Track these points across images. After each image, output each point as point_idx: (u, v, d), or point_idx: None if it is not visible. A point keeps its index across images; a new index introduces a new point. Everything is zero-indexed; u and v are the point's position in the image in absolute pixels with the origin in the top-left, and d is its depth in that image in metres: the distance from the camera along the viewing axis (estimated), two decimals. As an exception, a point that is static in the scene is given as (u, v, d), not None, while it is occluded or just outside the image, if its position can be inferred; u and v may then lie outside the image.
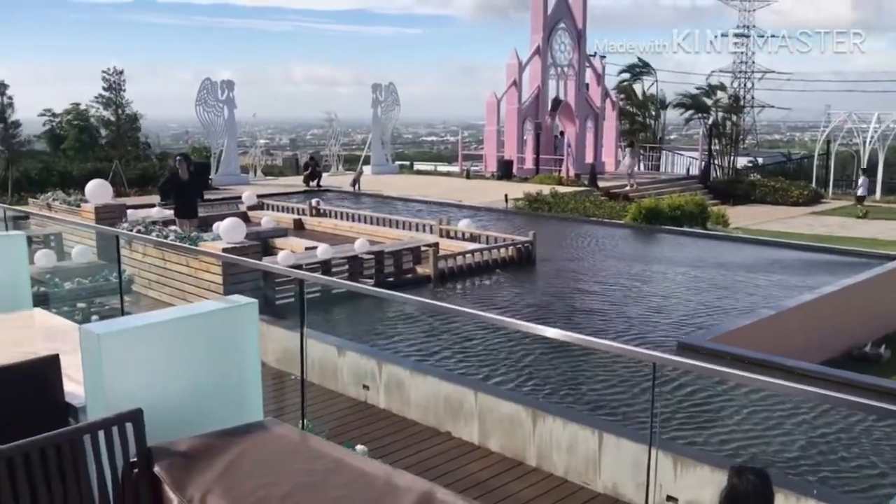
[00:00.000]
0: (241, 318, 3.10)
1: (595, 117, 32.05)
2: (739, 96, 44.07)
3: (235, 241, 10.20)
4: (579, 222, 18.88)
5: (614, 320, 10.02)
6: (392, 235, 14.68)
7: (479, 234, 14.12)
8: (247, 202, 18.25)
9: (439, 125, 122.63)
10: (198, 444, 2.53)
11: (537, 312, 10.38)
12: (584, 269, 13.54)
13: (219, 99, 25.36)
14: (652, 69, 37.81)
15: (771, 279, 12.50)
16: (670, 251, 15.44)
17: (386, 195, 22.60)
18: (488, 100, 31.18)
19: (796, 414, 6.90)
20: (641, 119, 38.05)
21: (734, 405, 7.16)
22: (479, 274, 12.48)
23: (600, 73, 32.71)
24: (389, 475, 2.35)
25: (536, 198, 21.10)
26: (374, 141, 30.02)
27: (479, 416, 6.56)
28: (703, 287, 11.95)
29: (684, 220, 17.99)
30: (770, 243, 16.46)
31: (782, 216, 26.71)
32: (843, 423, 6.79)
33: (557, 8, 30.33)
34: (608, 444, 5.78)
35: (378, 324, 9.83)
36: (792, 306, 10.40)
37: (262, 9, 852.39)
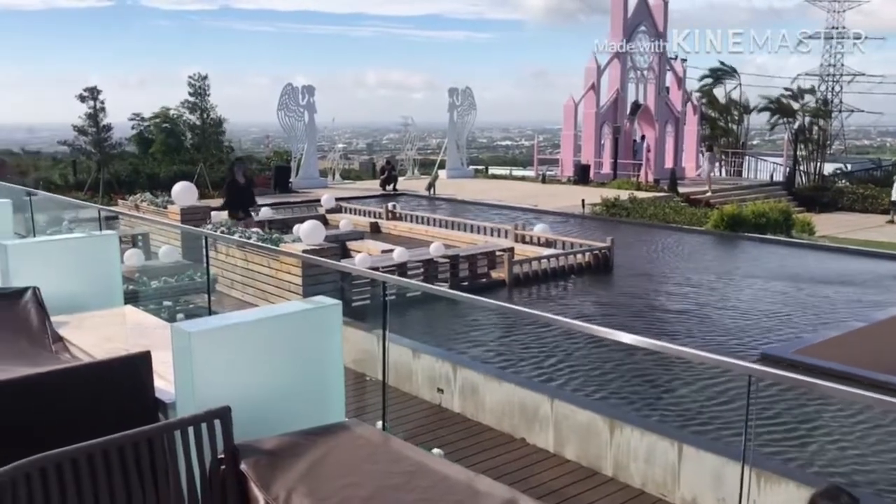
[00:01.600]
0: (325, 319, 3.15)
1: (675, 121, 31.45)
2: (828, 100, 42.57)
3: (315, 244, 10.39)
4: (659, 228, 18.53)
5: (696, 330, 9.79)
6: (467, 239, 14.70)
7: (555, 239, 14.00)
8: (325, 205, 18.57)
9: (514, 130, 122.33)
10: (283, 442, 2.57)
11: (617, 319, 10.23)
12: (664, 276, 13.28)
13: (300, 104, 25.88)
14: (735, 72, 36.90)
15: (860, 290, 12.01)
16: (754, 259, 15.00)
17: (461, 199, 22.65)
18: (566, 104, 30.94)
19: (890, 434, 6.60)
20: (723, 123, 37.14)
21: (819, 422, 6.90)
22: (555, 279, 12.38)
23: (681, 76, 32.08)
24: (470, 480, 2.34)
25: (614, 203, 20.81)
26: (450, 145, 30.15)
27: (554, 423, 6.49)
28: (790, 297, 11.56)
29: (768, 228, 17.47)
30: (860, 252, 15.81)
31: (871, 225, 25.65)
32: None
33: (638, 11, 29.91)
34: (688, 456, 5.64)
35: (453, 328, 9.84)
36: (883, 319, 9.97)
37: (343, 15, 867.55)
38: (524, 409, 6.73)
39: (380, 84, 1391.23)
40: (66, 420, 2.78)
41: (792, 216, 19.04)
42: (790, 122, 34.98)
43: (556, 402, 6.54)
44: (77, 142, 26.79)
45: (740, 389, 6.20)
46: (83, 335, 3.99)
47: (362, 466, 2.46)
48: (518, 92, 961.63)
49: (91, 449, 2.35)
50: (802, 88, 37.13)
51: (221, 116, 30.37)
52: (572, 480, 5.95)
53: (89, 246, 4.97)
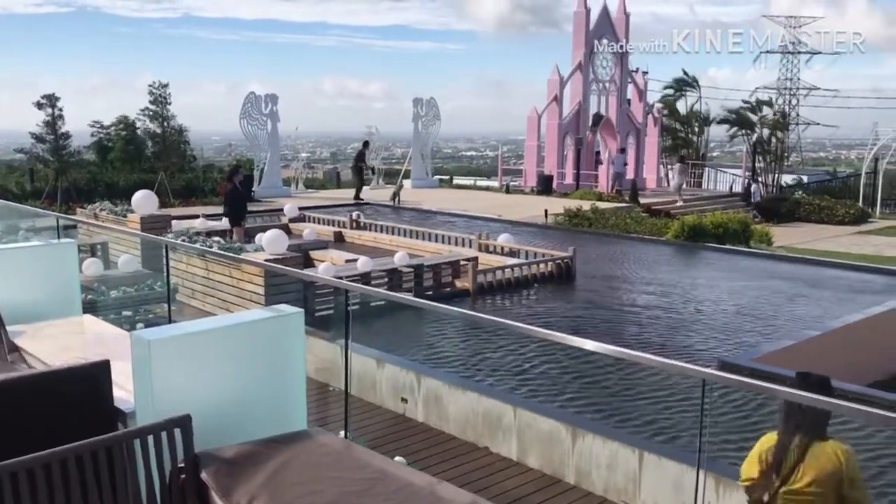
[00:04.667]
0: (287, 327, 3.14)
1: (637, 133, 31.87)
2: (785, 112, 43.47)
3: (278, 253, 10.32)
4: (620, 238, 18.74)
5: (657, 338, 9.91)
6: (431, 249, 14.73)
7: (519, 248, 14.08)
8: (288, 214, 18.46)
9: (478, 140, 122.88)
10: (244, 451, 2.56)
11: (580, 326, 10.32)
12: (625, 285, 13.43)
13: (262, 112, 25.72)
14: (697, 84, 37.52)
15: (816, 299, 12.28)
16: (714, 269, 15.24)
17: (425, 209, 22.68)
18: (529, 115, 31.19)
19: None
20: (684, 135, 37.71)
21: (769, 425, 7.02)
22: (519, 289, 12.45)
23: (642, 88, 32.54)
24: (433, 486, 2.35)
25: (577, 213, 21.00)
26: (415, 155, 30.18)
27: (517, 431, 6.52)
28: (747, 306, 11.76)
29: (727, 238, 17.76)
30: (816, 262, 16.15)
31: (828, 235, 26.21)
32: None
33: (600, 24, 30.30)
34: (649, 463, 5.71)
35: (416, 337, 9.84)
36: (837, 327, 10.18)
37: (307, 24, 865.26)
38: (488, 417, 6.75)
39: (343, 93, 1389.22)
40: (23, 429, 2.74)
41: (750, 227, 19.39)
42: (749, 134, 35.66)
43: (520, 411, 6.58)
44: (34, 149, 26.32)
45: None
46: (40, 344, 3.93)
47: (324, 474, 2.46)
48: (478, 102, 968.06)
49: (48, 458, 2.32)
50: (761, 101, 37.90)
51: (183, 125, 30.07)
52: (535, 488, 5.98)
53: (47, 255, 4.89)
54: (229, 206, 14.59)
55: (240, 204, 14.62)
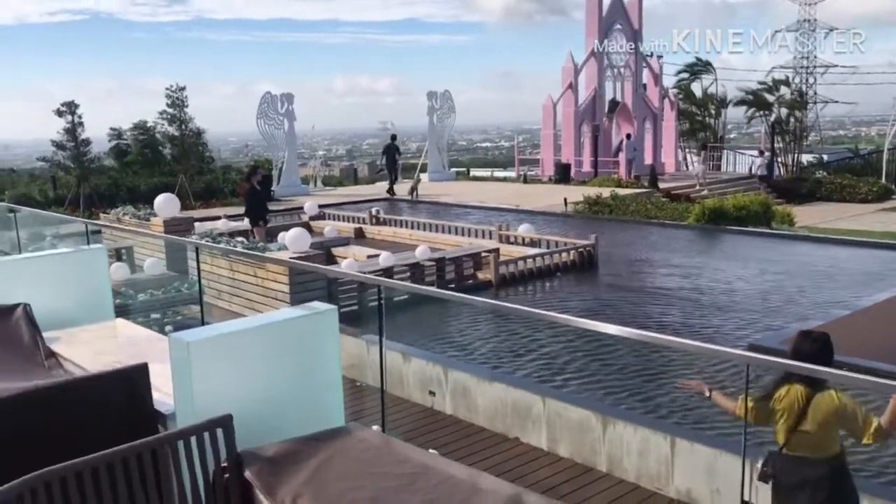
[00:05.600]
0: (321, 324, 3.16)
1: (653, 118, 31.65)
2: (803, 91, 42.97)
3: (302, 251, 10.38)
4: (641, 224, 18.65)
5: (685, 323, 9.87)
6: (452, 242, 14.74)
7: (540, 238, 14.06)
8: (309, 212, 18.54)
9: (493, 131, 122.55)
10: (285, 448, 2.58)
11: (605, 313, 10.29)
12: (649, 271, 13.37)
13: (279, 112, 25.81)
14: (711, 67, 37.22)
15: (842, 279, 12.16)
16: (738, 251, 15.14)
17: (444, 202, 22.69)
18: (544, 103, 31.06)
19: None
20: (701, 118, 37.42)
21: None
22: (542, 278, 12.43)
23: (657, 73, 32.29)
24: (474, 478, 2.36)
25: (596, 201, 20.91)
26: (431, 148, 30.18)
27: (547, 421, 6.53)
28: (777, 287, 11.68)
29: (749, 221, 17.62)
30: (840, 242, 16.00)
31: (851, 214, 25.91)
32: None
33: (612, 9, 30.09)
34: (681, 449, 5.70)
35: (441, 331, 9.86)
36: (867, 306, 10.09)
37: (318, 22, 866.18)
38: (517, 408, 6.76)
39: (355, 90, 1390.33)
40: (66, 435, 2.78)
41: (772, 208, 19.22)
42: (767, 115, 35.30)
43: (549, 401, 6.58)
44: (55, 157, 26.58)
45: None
46: (76, 350, 3.98)
47: (366, 469, 2.48)
48: (490, 93, 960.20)
49: (95, 462, 2.36)
50: (777, 80, 37.50)
51: (200, 127, 30.23)
52: (567, 478, 5.99)
53: (78, 260, 4.95)
54: (249, 207, 14.69)
55: (260, 204, 14.70)
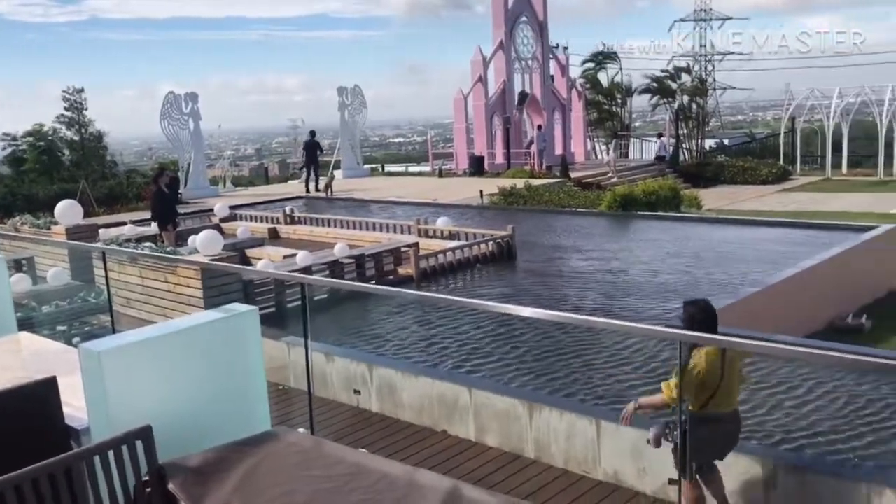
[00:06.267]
0: (242, 326, 3.04)
1: (562, 109, 32.18)
2: (703, 79, 44.43)
3: (214, 253, 10.07)
4: (556, 213, 18.93)
5: (609, 307, 10.05)
6: (370, 238, 14.61)
7: (458, 231, 14.09)
8: (219, 214, 18.07)
9: (405, 126, 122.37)
10: (210, 457, 2.46)
11: (526, 299, 10.38)
12: (566, 258, 13.57)
13: (183, 112, 25.09)
14: (616, 56, 38.05)
15: (749, 257, 12.61)
16: (650, 235, 15.53)
17: (360, 199, 22.50)
18: (455, 97, 31.17)
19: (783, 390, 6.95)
20: (608, 107, 38.26)
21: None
22: (462, 270, 12.46)
23: (564, 64, 32.84)
24: (411, 475, 2.31)
25: (511, 192, 21.12)
26: (344, 145, 29.88)
27: (474, 412, 6.52)
28: (689, 268, 12.02)
29: (659, 205, 18.10)
30: (746, 222, 16.62)
31: (753, 195, 27.00)
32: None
33: (518, 2, 30.41)
34: (607, 431, 5.77)
35: (364, 328, 9.75)
36: (774, 282, 10.50)
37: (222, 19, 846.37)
38: (443, 401, 6.74)
39: (263, 88, 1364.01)
40: (-31, 458, 2.58)
41: (679, 192, 19.80)
42: (670, 103, 36.37)
43: (475, 392, 6.58)
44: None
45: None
46: (-24, 367, 3.73)
47: (297, 473, 2.39)
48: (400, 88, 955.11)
49: (2, 486, 2.19)
50: (679, 68, 38.65)
51: (101, 130, 29.10)
52: (496, 467, 6.00)
53: (-27, 273, 4.65)
54: (157, 210, 14.22)
55: (167, 207, 14.25)
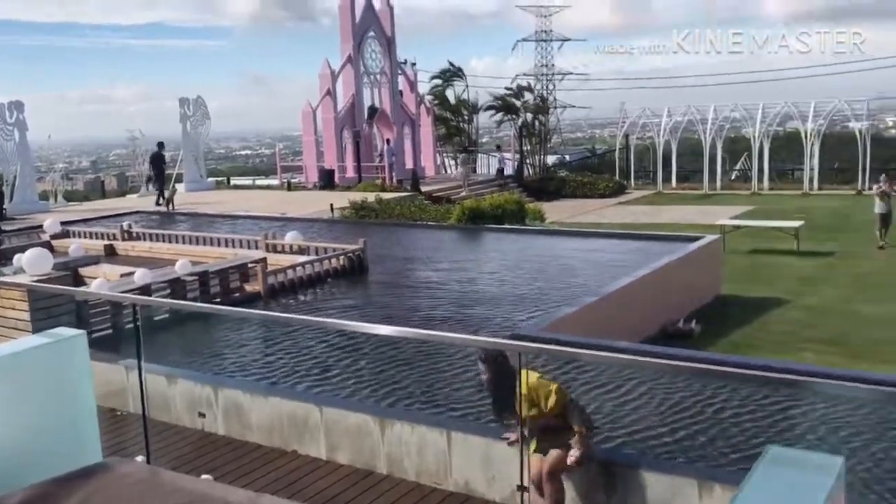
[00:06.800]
0: (68, 351, 2.84)
1: (412, 123, 32.52)
2: (544, 97, 46.25)
3: (42, 273, 9.38)
4: (407, 227, 19.06)
5: (457, 316, 10.18)
6: (215, 254, 14.11)
7: (308, 245, 13.88)
8: (49, 230, 16.90)
9: (252, 138, 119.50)
10: (36, 493, 2.27)
11: (379, 315, 10.36)
12: (417, 270, 13.67)
13: (7, 122, 23.39)
14: (462, 73, 38.91)
15: (590, 267, 13.19)
16: (497, 247, 15.94)
17: (204, 213, 21.73)
18: (303, 110, 30.82)
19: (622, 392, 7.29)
20: (456, 123, 39.03)
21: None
22: (312, 286, 12.27)
23: (412, 80, 33.24)
24: (254, 501, 2.22)
25: (362, 205, 21.08)
26: (186, 157, 28.82)
27: (325, 430, 6.43)
28: (534, 278, 12.39)
29: (505, 218, 18.65)
30: (586, 233, 17.39)
31: (593, 208, 28.33)
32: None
33: (365, 17, 30.50)
34: (457, 442, 5.85)
35: (209, 348, 9.40)
36: (611, 291, 11.02)
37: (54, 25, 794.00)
38: (293, 420, 6.60)
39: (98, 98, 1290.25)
40: None
41: (524, 206, 20.48)
42: (514, 119, 37.59)
43: (326, 409, 6.48)
44: None
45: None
46: None
47: (131, 506, 2.25)
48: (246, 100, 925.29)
49: None
50: (522, 87, 40.05)
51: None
52: (348, 485, 5.93)
53: None
54: None
55: None
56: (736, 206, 27.20)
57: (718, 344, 11.50)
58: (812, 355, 10.95)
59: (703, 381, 6.98)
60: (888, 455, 5.70)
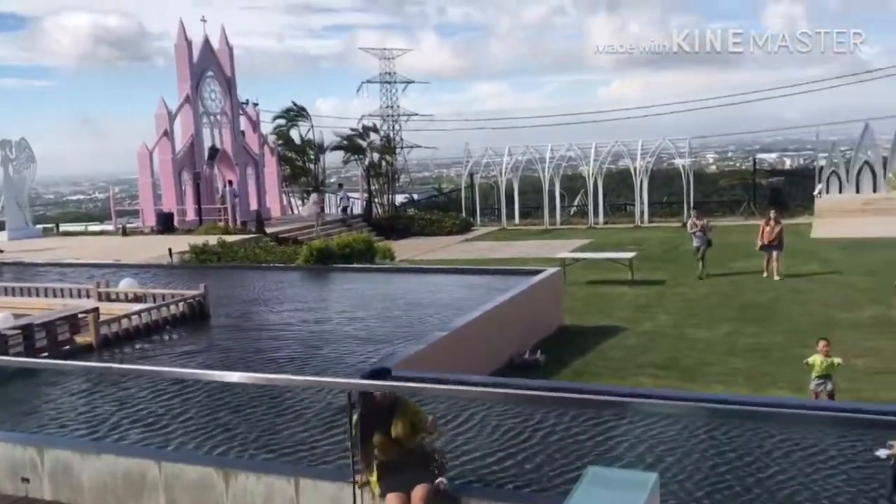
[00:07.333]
0: None
1: (255, 164, 31.93)
2: (390, 137, 46.79)
3: None
4: (252, 270, 18.57)
5: (304, 359, 9.94)
6: (42, 305, 13.12)
7: (145, 293, 13.21)
8: None
9: (85, 182, 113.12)
10: None
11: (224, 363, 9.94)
12: (262, 314, 13.29)
13: None
14: (306, 113, 38.72)
15: (440, 303, 13.32)
16: (347, 286, 15.78)
17: (30, 262, 20.27)
18: (139, 151, 29.58)
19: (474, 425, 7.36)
20: (301, 163, 38.69)
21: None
22: (150, 335, 11.65)
23: (255, 119, 32.73)
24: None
25: (203, 249, 20.35)
26: (8, 203, 26.92)
27: (164, 487, 6.08)
28: (384, 317, 12.34)
29: (354, 258, 18.53)
30: (434, 270, 17.59)
31: (440, 245, 28.77)
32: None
33: (203, 56, 29.82)
34: (305, 488, 5.67)
35: (33, 406, 8.67)
36: (459, 326, 11.17)
37: None
38: (129, 478, 6.19)
39: None
40: None
41: (374, 245, 20.46)
42: (361, 159, 37.74)
43: (165, 464, 6.14)
44: None
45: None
46: None
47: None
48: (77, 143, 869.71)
49: None
50: (367, 128, 40.37)
51: None
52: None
53: None
54: None
55: None
56: (575, 239, 28.45)
57: (562, 373, 11.88)
58: (647, 379, 11.52)
59: (540, 408, 7.16)
60: (698, 468, 6.06)
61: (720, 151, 78.70)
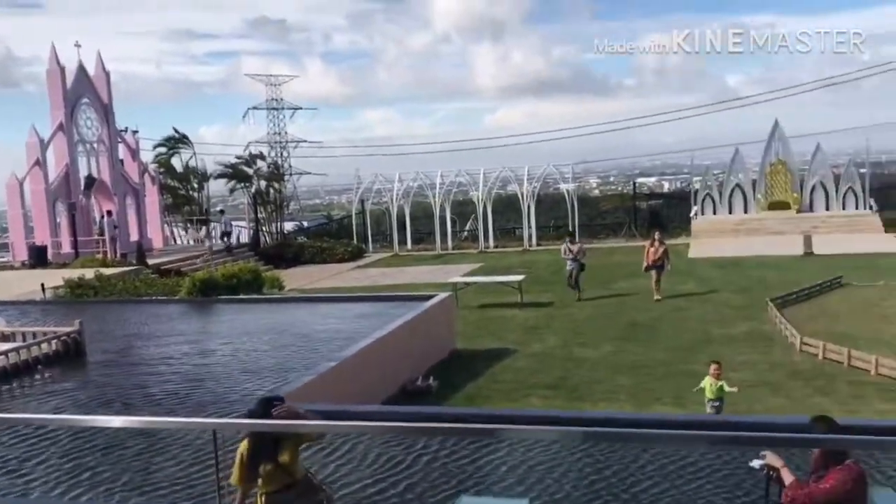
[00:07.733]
0: None
1: (135, 193, 30.76)
2: (278, 164, 46.13)
3: None
4: (131, 303, 17.79)
5: (185, 394, 9.54)
6: None
7: (14, 331, 12.42)
8: None
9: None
10: None
11: (99, 401, 9.41)
12: (142, 349, 12.72)
13: None
14: (188, 141, 37.70)
15: (331, 332, 13.11)
16: (232, 318, 15.33)
17: None
18: (8, 182, 28.01)
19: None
20: (184, 192, 37.57)
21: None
22: (20, 376, 10.94)
23: (134, 147, 31.60)
24: None
25: (79, 283, 19.36)
26: None
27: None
28: (271, 349, 12.02)
29: (241, 288, 18.04)
30: (325, 299, 17.34)
31: (332, 273, 28.44)
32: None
33: (78, 83, 28.59)
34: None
35: None
36: (349, 355, 11.00)
37: None
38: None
39: None
40: None
41: (261, 274, 19.99)
42: (248, 187, 36.98)
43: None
44: None
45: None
46: None
47: None
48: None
49: None
50: (254, 155, 39.66)
51: None
52: None
53: None
54: None
55: None
56: (466, 263, 28.73)
57: (454, 398, 11.88)
58: (537, 400, 11.67)
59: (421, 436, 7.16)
60: (575, 486, 6.19)
61: (603, 176, 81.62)
